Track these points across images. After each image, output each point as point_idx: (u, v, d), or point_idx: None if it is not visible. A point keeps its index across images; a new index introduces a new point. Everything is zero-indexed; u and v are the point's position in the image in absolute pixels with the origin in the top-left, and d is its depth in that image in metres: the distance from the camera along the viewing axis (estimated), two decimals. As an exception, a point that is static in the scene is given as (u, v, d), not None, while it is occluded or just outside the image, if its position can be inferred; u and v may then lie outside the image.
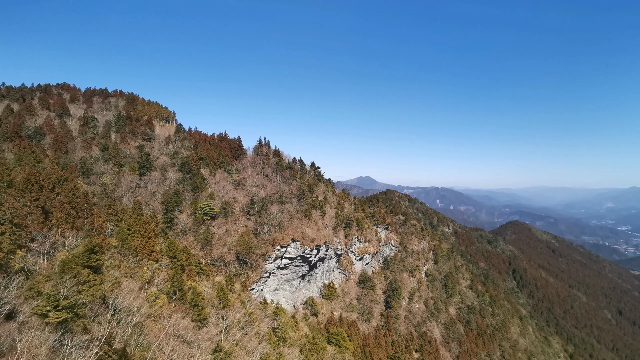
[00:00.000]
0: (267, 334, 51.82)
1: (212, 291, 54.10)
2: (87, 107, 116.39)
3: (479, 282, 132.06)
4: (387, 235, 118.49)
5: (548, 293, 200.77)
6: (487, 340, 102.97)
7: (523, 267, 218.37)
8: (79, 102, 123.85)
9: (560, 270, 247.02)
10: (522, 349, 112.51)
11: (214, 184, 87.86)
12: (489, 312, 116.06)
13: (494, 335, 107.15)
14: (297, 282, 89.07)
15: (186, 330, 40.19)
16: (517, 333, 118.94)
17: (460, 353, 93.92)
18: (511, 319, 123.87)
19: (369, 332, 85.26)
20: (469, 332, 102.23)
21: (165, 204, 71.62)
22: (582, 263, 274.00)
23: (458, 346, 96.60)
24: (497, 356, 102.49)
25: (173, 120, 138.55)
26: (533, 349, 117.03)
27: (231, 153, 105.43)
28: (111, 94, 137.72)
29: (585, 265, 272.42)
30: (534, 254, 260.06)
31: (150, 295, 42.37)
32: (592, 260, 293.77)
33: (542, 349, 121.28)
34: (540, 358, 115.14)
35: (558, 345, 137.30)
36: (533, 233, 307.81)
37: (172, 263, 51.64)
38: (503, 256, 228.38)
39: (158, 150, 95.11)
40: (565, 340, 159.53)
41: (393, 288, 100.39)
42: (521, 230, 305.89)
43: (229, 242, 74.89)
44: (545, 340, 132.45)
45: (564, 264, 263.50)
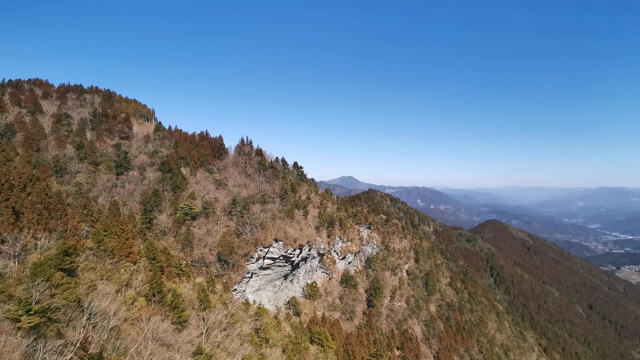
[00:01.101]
0: (249, 335, 51.40)
1: (193, 293, 53.19)
2: (60, 103, 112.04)
3: (458, 280, 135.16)
4: (370, 234, 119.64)
5: (523, 289, 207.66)
6: (465, 336, 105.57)
7: (500, 265, 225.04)
8: (52, 98, 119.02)
9: (535, 267, 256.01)
10: (498, 344, 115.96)
11: (195, 183, 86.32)
12: (468, 309, 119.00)
13: (472, 331, 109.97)
14: (279, 282, 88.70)
15: (166, 333, 39.35)
16: (494, 328, 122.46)
17: (440, 349, 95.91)
18: (488, 315, 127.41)
19: (351, 330, 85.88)
20: (448, 328, 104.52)
21: (144, 204, 69.84)
22: (555, 260, 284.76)
23: (438, 342, 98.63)
24: (475, 351, 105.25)
25: (152, 118, 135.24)
26: (509, 344, 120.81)
27: (213, 152, 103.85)
28: (86, 90, 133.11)
29: (558, 262, 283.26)
30: (510, 252, 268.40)
31: (128, 297, 41.27)
32: (564, 257, 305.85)
33: (517, 344, 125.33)
34: (516, 352, 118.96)
35: (532, 340, 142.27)
36: (509, 231, 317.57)
37: (151, 265, 50.44)
38: (481, 254, 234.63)
39: (136, 149, 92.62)
40: (540, 335, 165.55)
41: (375, 287, 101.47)
42: (498, 229, 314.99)
43: (211, 242, 73.79)
44: (521, 334, 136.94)
45: (538, 260, 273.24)
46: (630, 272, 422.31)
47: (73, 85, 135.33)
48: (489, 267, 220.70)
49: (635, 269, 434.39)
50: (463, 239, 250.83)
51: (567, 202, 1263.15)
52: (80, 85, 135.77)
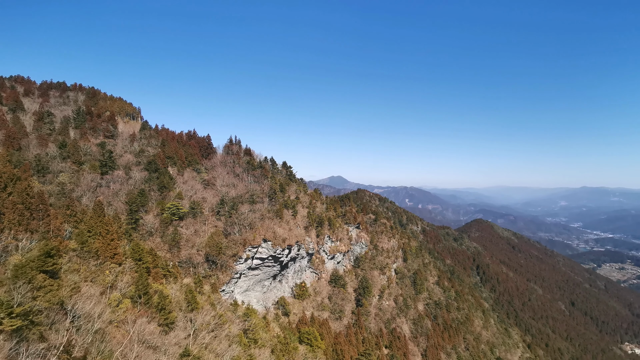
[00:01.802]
0: (237, 336, 51.05)
1: (180, 294, 52.54)
2: (43, 101, 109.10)
3: (445, 278, 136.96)
4: (358, 234, 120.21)
5: (508, 287, 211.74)
6: (452, 333, 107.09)
7: (486, 263, 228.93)
8: (34, 95, 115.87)
9: (519, 265, 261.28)
10: (484, 341, 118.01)
11: (182, 183, 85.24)
12: (455, 307, 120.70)
13: (459, 329, 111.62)
14: (268, 282, 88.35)
15: (152, 335, 38.75)
16: (480, 326, 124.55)
17: (427, 347, 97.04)
18: (475, 313, 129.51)
19: (340, 330, 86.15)
20: (436, 326, 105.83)
21: (130, 204, 68.59)
22: (538, 258, 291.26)
23: (426, 340, 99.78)
24: (462, 348, 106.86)
25: (138, 117, 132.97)
26: (495, 341, 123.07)
27: (200, 152, 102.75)
28: (70, 88, 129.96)
29: (542, 260, 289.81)
30: (496, 250, 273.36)
31: (113, 300, 40.51)
32: (548, 255, 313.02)
33: (503, 340, 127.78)
34: (501, 349, 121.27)
35: (517, 336, 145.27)
36: (495, 230, 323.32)
37: (137, 266, 49.59)
38: (468, 253, 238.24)
39: (122, 148, 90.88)
40: (524, 331, 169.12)
41: (364, 286, 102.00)
42: (484, 228, 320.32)
43: (198, 243, 72.98)
44: (506, 331, 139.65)
45: (522, 259, 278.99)
46: (611, 270, 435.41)
47: (56, 82, 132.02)
48: (476, 266, 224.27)
49: (615, 267, 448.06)
50: (450, 238, 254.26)
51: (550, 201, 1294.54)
52: (64, 82, 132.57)
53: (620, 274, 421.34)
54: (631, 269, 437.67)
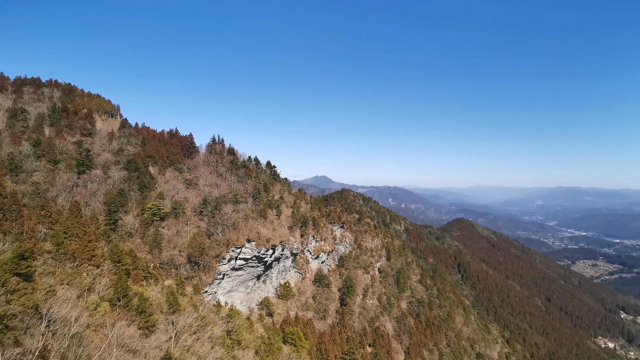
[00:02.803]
0: (220, 338, 50.44)
1: (162, 296, 51.49)
2: (16, 97, 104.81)
3: (428, 277, 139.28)
4: (343, 233, 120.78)
5: (488, 284, 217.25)
6: (434, 331, 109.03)
7: (467, 261, 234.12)
8: (7, 92, 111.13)
9: (499, 263, 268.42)
10: (465, 337, 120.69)
11: (164, 183, 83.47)
12: (437, 305, 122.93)
13: (441, 326, 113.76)
14: (252, 282, 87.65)
15: (132, 338, 37.82)
16: (461, 322, 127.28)
17: (410, 344, 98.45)
18: (456, 310, 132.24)
19: (324, 329, 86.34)
20: (418, 324, 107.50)
21: (109, 204, 66.66)
22: (516, 256, 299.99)
23: (409, 338, 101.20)
24: (444, 345, 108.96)
25: (117, 114, 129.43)
26: (475, 337, 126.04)
27: (182, 151, 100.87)
28: (45, 84, 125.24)
29: (519, 257, 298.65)
30: (476, 249, 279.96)
31: (91, 303, 39.35)
32: (525, 252, 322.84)
33: (482, 336, 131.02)
34: (481, 344, 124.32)
35: (496, 332, 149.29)
36: (475, 229, 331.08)
37: (115, 268, 48.32)
38: (449, 251, 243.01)
39: (100, 147, 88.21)
40: (503, 327, 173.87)
41: (348, 285, 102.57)
42: (465, 227, 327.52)
43: (180, 243, 71.65)
44: (486, 327, 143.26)
45: (501, 257, 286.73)
46: (584, 266, 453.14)
47: (30, 78, 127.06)
48: (457, 264, 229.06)
49: (588, 263, 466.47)
50: (432, 237, 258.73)
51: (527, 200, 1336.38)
52: (38, 78, 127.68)
53: (593, 271, 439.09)
54: (603, 266, 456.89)
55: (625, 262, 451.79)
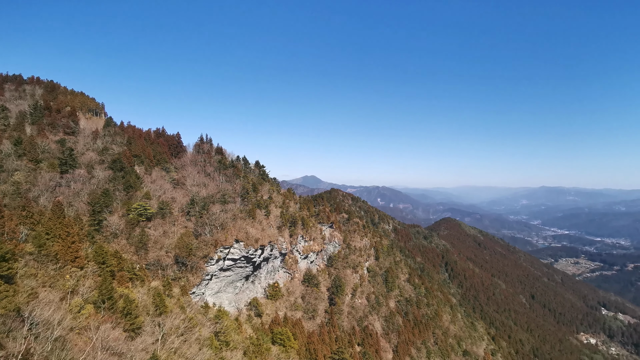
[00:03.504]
0: (208, 339, 49.93)
1: (148, 297, 50.65)
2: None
3: (416, 276, 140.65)
4: (332, 233, 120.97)
5: (474, 282, 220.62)
6: (422, 329, 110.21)
7: (454, 260, 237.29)
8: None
9: (485, 261, 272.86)
10: (452, 335, 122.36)
11: (150, 183, 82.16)
12: (424, 303, 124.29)
13: (429, 324, 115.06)
14: (240, 283, 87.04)
15: (117, 341, 37.11)
16: (448, 320, 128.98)
17: (399, 343, 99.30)
18: (443, 308, 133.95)
19: (313, 329, 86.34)
20: (406, 322, 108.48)
21: (93, 204, 65.26)
22: (502, 254, 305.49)
23: (397, 337, 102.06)
24: (431, 343, 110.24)
25: (102, 112, 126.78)
26: (462, 334, 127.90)
27: (169, 150, 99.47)
28: (26, 81, 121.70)
29: (505, 256, 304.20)
30: (463, 248, 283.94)
31: (74, 305, 38.45)
32: (510, 251, 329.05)
33: (469, 334, 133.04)
34: (468, 342, 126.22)
35: (482, 329, 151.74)
36: (462, 228, 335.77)
37: (100, 269, 47.35)
38: (437, 250, 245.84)
39: (83, 146, 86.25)
40: (489, 324, 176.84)
41: (337, 285, 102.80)
42: (452, 226, 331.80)
43: (167, 244, 70.66)
44: (472, 325, 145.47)
45: (487, 255, 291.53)
46: (567, 264, 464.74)
47: (11, 75, 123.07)
48: (444, 263, 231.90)
49: (570, 261, 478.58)
50: (420, 237, 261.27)
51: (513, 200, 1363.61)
52: (20, 75, 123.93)
53: (575, 268, 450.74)
54: (585, 263, 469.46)
55: (605, 260, 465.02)
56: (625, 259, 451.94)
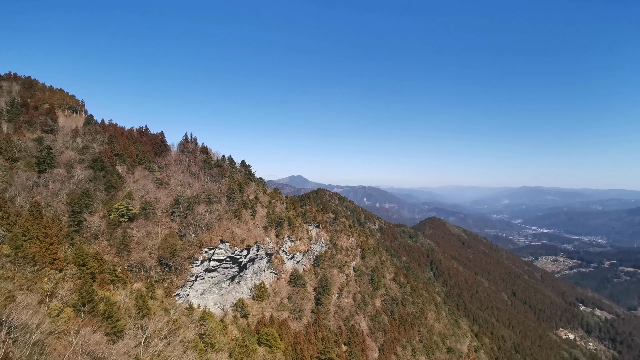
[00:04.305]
0: (193, 341, 49.18)
1: (130, 300, 49.52)
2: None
3: (401, 275, 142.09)
4: (318, 233, 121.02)
5: (458, 280, 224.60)
6: (408, 327, 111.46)
7: (439, 259, 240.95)
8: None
9: (468, 260, 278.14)
10: (437, 333, 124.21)
11: (133, 182, 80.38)
12: (410, 302, 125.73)
13: (414, 323, 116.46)
14: (226, 284, 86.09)
15: (98, 345, 36.12)
16: (433, 318, 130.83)
17: (385, 342, 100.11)
18: (428, 306, 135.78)
19: (300, 329, 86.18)
20: (392, 321, 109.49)
21: (72, 205, 63.37)
22: (485, 253, 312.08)
23: (383, 335, 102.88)
24: (417, 341, 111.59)
25: (82, 110, 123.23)
26: (446, 332, 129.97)
27: (153, 149, 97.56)
28: (3, 78, 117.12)
29: (488, 254, 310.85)
30: (448, 246, 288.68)
31: (53, 309, 37.27)
32: (493, 249, 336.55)
33: (453, 331, 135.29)
34: (452, 339, 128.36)
35: (466, 327, 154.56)
36: (447, 227, 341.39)
37: (80, 272, 46.02)
38: (422, 249, 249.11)
39: (62, 144, 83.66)
40: (472, 321, 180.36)
41: (323, 285, 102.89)
42: (437, 225, 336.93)
43: (150, 245, 69.26)
44: (456, 322, 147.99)
45: (471, 254, 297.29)
46: (546, 262, 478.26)
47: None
48: (429, 262, 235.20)
49: (550, 259, 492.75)
50: (406, 236, 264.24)
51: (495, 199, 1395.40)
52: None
53: (554, 266, 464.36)
54: (563, 261, 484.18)
55: (583, 258, 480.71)
56: (602, 257, 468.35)
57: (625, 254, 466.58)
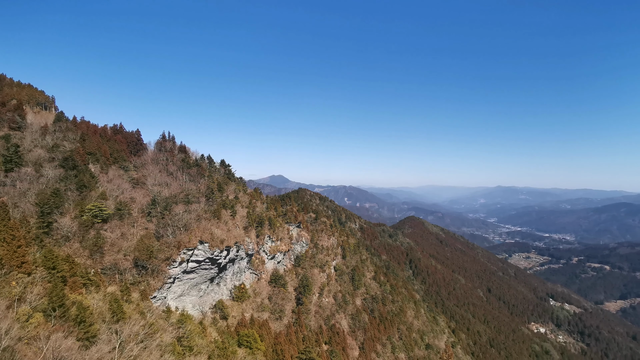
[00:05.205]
0: (170, 345, 48.05)
1: (104, 304, 47.89)
2: None
3: (381, 273, 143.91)
4: (299, 233, 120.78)
5: (437, 278, 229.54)
6: (387, 325, 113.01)
7: (417, 257, 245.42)
8: None
9: (446, 258, 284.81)
10: (416, 330, 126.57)
11: (107, 182, 77.67)
12: (390, 300, 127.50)
13: (394, 320, 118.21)
14: (205, 285, 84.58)
15: (70, 351, 34.72)
16: (412, 316, 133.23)
17: (365, 340, 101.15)
18: (408, 304, 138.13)
19: (280, 330, 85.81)
20: (372, 319, 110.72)
21: (42, 205, 60.61)
22: (462, 251, 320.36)
23: (363, 334, 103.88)
24: (396, 338, 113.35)
25: (52, 107, 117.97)
26: (424, 329, 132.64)
27: (129, 148, 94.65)
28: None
29: (464, 252, 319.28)
30: (426, 245, 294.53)
31: (21, 314, 35.57)
32: (469, 248, 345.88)
33: (431, 328, 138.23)
34: (430, 335, 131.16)
35: (444, 323, 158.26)
36: (425, 226, 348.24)
37: (50, 275, 44.14)
38: (402, 248, 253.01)
39: (31, 142, 79.83)
40: (449, 318, 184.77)
41: (304, 284, 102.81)
42: (416, 225, 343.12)
43: (125, 247, 67.15)
44: (434, 319, 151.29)
45: (449, 252, 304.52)
46: (519, 259, 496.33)
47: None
48: (409, 260, 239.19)
49: (522, 256, 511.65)
50: (386, 235, 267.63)
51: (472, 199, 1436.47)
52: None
53: (526, 262, 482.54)
54: (535, 258, 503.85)
55: (553, 254, 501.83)
56: (571, 253, 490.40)
57: (592, 250, 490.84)
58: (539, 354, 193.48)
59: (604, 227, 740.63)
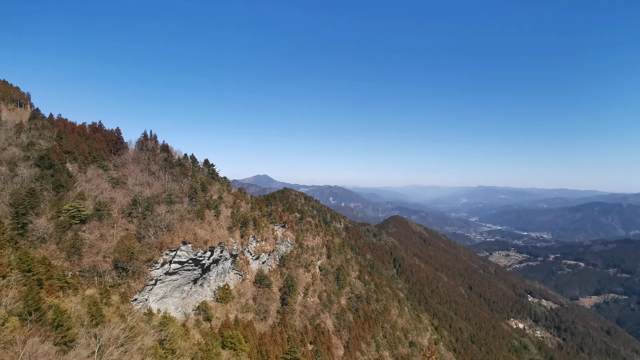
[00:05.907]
0: (152, 348, 47.06)
1: (82, 307, 46.45)
2: None
3: (366, 272, 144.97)
4: (284, 233, 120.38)
5: (420, 277, 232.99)
6: (372, 324, 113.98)
7: (401, 256, 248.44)
8: None
9: (429, 257, 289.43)
10: (400, 328, 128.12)
11: (85, 182, 75.30)
12: (374, 299, 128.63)
13: (378, 319, 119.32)
14: (188, 287, 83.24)
15: (47, 356, 33.57)
16: (396, 314, 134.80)
17: (350, 339, 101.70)
18: (392, 303, 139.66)
19: (265, 330, 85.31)
20: (357, 319, 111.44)
21: (16, 206, 58.28)
22: (444, 249, 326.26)
23: (348, 333, 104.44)
24: (380, 337, 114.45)
25: (27, 103, 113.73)
26: (408, 327, 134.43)
27: (108, 147, 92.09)
28: None
29: (447, 251, 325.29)
30: (410, 244, 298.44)
31: (-6, 319, 34.11)
32: (452, 246, 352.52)
33: (415, 326, 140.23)
34: (414, 333, 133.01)
35: (427, 321, 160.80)
36: (409, 226, 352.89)
37: (25, 278, 42.54)
38: (386, 247, 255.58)
39: (5, 140, 76.71)
40: (432, 316, 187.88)
41: (289, 284, 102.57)
42: (400, 224, 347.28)
43: (105, 248, 65.33)
44: (418, 317, 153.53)
45: (432, 251, 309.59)
46: (499, 257, 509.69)
47: None
48: (393, 259, 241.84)
49: (502, 254, 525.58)
50: (370, 234, 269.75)
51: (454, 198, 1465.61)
52: None
53: (506, 260, 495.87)
54: (514, 256, 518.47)
55: (531, 252, 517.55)
56: (547, 251, 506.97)
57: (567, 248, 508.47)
58: (517, 349, 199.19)
59: (579, 225, 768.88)
